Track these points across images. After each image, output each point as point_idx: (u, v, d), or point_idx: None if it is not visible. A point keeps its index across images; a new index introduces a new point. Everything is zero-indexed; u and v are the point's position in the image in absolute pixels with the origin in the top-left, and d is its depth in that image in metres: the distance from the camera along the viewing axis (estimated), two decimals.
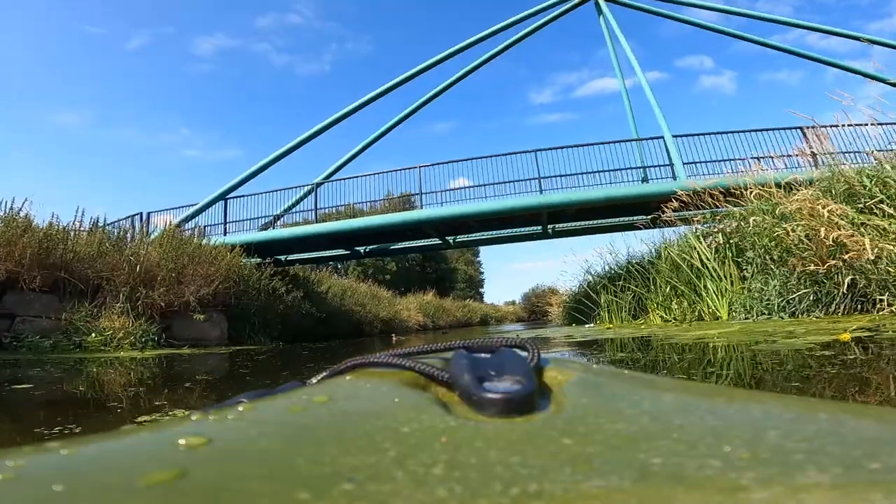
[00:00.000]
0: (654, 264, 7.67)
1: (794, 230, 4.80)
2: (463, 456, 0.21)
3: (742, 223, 6.12)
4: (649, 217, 11.17)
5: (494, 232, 11.72)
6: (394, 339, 11.09)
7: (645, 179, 10.23)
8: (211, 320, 7.92)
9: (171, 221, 11.18)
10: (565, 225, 11.39)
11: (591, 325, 8.66)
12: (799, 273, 4.66)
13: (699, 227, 6.84)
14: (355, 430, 0.25)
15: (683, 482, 0.18)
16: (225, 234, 11.16)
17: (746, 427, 0.23)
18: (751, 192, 6.13)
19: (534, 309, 47.16)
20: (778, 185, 5.77)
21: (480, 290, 50.57)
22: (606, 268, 9.35)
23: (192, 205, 11.58)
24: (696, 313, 6.33)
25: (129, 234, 8.24)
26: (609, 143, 9.93)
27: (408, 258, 37.89)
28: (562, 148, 9.96)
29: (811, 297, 4.58)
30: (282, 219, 11.93)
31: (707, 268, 6.27)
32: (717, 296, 6.12)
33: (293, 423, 0.26)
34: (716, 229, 6.35)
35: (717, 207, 7.07)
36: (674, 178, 9.50)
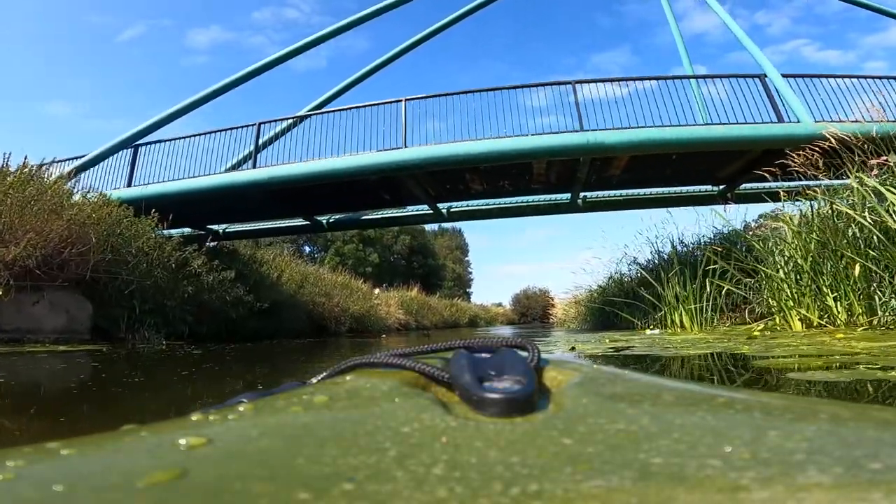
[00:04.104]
0: (779, 238, 4.74)
1: None
2: (463, 456, 0.21)
3: None
4: (720, 188, 8.34)
5: (506, 200, 8.68)
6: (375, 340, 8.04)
7: None
8: (43, 302, 4.75)
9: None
10: (603, 194, 8.40)
11: (656, 331, 5.71)
12: None
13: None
14: (355, 429, 0.24)
15: (684, 482, 0.18)
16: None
17: (747, 427, 0.23)
18: None
19: (525, 311, 44.67)
20: None
21: (468, 289, 48.04)
22: (676, 246, 6.42)
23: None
24: None
25: None
26: (692, 77, 6.99)
27: (392, 251, 34.69)
28: (611, 81, 6.97)
29: None
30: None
31: None
32: None
33: (293, 423, 0.26)
34: None
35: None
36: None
